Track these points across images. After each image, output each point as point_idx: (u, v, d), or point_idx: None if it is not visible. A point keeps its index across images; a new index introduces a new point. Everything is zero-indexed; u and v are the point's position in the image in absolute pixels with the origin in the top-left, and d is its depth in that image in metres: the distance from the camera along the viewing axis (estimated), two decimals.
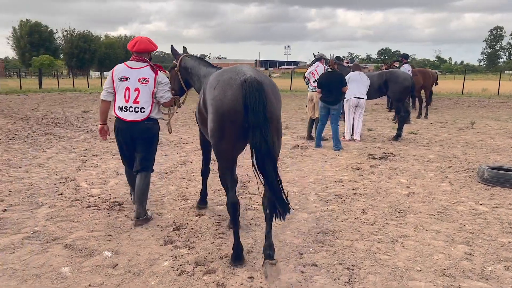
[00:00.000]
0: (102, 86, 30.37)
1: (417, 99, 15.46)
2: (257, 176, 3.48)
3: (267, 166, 3.37)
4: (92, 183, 6.48)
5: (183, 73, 5.21)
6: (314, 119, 10.35)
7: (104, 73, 59.94)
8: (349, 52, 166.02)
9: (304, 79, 10.81)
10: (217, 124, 3.58)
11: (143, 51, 4.86)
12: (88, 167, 7.49)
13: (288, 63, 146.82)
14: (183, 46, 5.71)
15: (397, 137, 10.50)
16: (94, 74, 64.33)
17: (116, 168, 7.34)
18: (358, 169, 7.44)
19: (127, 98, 4.74)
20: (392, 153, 8.78)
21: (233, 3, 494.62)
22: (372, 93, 10.80)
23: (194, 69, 5.10)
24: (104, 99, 4.86)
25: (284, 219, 3.63)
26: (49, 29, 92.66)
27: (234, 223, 3.87)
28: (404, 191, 6.15)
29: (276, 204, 3.47)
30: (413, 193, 6.08)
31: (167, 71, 5.38)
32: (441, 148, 9.47)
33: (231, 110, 3.48)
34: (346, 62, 14.81)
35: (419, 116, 14.99)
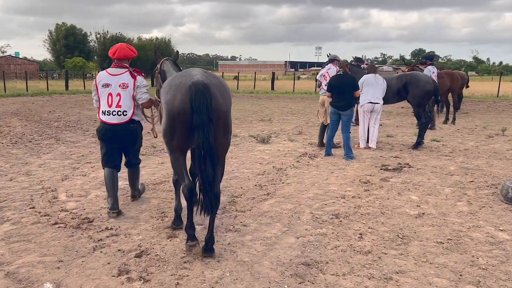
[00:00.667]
0: None
1: (444, 103, 14.44)
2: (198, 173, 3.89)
3: (207, 163, 3.73)
4: (72, 195, 6.02)
5: (163, 75, 5.30)
6: (326, 125, 9.63)
7: None
8: (382, 53, 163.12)
9: (316, 82, 10.09)
10: (169, 125, 3.91)
11: (123, 58, 5.16)
12: (76, 176, 7.06)
13: (319, 64, 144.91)
14: (177, 50, 5.86)
15: (417, 145, 9.67)
16: None
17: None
18: (366, 183, 6.71)
19: (110, 103, 5.05)
20: (408, 164, 7.98)
21: (266, 5, 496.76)
22: (391, 97, 10.00)
23: (168, 72, 5.19)
24: (97, 106, 5.21)
25: (211, 213, 3.95)
26: (83, 32, 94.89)
27: (189, 207, 4.07)
28: (413, 211, 5.40)
29: (206, 201, 3.83)
30: (423, 213, 5.31)
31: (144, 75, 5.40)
32: (465, 158, 8.58)
33: (180, 112, 3.78)
34: (366, 63, 14.00)
35: (446, 121, 13.99)
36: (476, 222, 5.03)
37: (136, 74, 5.15)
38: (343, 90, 8.40)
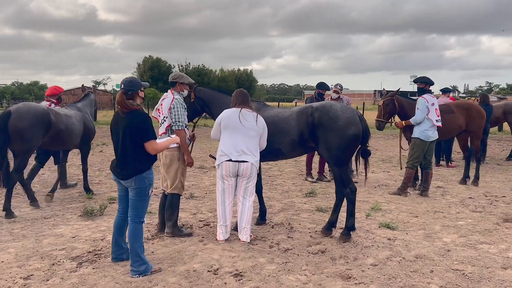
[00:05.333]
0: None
1: (463, 152, 9.24)
2: None
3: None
4: None
5: None
6: (172, 195, 5.51)
7: None
8: (487, 81, 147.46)
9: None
10: None
11: (49, 95, 7.74)
12: None
13: (413, 93, 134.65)
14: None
15: (349, 231, 5.28)
16: None
17: None
18: None
19: None
20: None
21: (366, 34, 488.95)
22: (288, 148, 5.56)
23: None
24: None
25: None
26: (167, 64, 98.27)
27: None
28: None
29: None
30: None
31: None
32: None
33: None
34: (334, 91, 9.35)
35: (464, 181, 8.83)
36: None
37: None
38: (118, 142, 4.32)
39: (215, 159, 5.28)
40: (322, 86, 9.21)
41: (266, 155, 5.56)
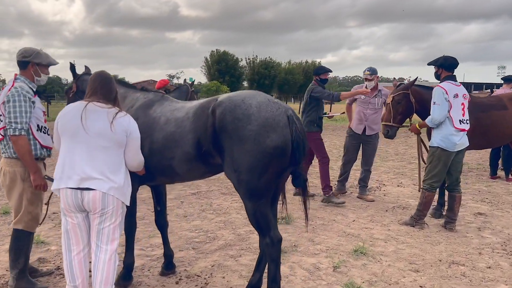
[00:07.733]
0: None
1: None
2: None
3: None
4: None
5: None
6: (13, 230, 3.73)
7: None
8: None
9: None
10: None
11: (158, 88, 7.64)
12: None
13: (499, 85, 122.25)
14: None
15: None
16: None
17: None
18: None
19: None
20: None
21: (452, 22, 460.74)
22: (185, 164, 3.45)
23: None
24: None
25: None
26: (234, 58, 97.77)
27: None
28: None
29: None
30: None
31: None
32: None
33: None
34: (365, 78, 6.89)
35: None
36: None
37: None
38: None
39: (52, 181, 3.37)
40: (322, 69, 6.87)
41: (156, 174, 3.60)
